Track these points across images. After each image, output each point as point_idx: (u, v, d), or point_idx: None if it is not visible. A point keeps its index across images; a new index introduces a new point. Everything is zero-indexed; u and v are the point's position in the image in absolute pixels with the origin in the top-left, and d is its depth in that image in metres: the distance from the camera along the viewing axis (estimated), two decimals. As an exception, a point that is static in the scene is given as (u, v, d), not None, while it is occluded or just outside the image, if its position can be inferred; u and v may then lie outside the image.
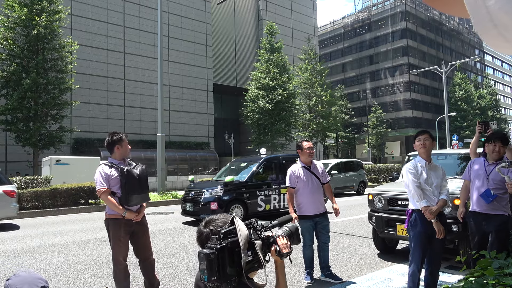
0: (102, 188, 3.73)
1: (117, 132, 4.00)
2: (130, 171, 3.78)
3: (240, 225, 1.40)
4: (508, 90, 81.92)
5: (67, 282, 4.87)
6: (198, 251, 1.35)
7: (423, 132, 3.80)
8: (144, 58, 32.46)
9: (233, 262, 1.34)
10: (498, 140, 3.86)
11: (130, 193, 3.74)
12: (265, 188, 9.87)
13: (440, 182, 3.75)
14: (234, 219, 1.44)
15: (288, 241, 1.48)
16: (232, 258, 1.34)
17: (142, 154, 24.73)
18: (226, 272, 1.32)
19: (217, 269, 1.30)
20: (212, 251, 1.30)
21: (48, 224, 9.86)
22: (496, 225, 3.79)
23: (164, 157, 14.10)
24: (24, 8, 17.06)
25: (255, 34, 43.52)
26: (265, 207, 9.77)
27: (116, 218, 3.78)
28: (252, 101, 27.42)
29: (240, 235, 1.37)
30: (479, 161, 4.05)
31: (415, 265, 3.70)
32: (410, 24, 55.93)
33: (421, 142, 3.70)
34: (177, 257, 6.09)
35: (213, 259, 1.29)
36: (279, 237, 1.46)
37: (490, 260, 2.08)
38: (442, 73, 26.37)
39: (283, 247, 1.45)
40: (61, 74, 18.26)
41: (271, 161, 10.65)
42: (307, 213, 4.77)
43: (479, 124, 4.49)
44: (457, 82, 51.59)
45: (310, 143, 4.99)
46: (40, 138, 17.92)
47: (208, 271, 1.29)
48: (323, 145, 33.82)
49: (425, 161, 3.74)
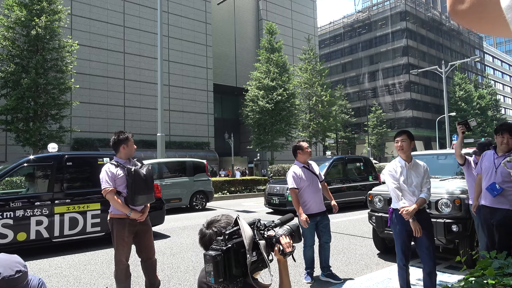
0: (108, 187, 3.72)
1: (124, 131, 3.99)
2: (137, 171, 3.77)
3: (244, 226, 1.40)
4: (508, 90, 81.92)
5: (67, 282, 4.87)
6: (204, 253, 1.34)
7: (401, 133, 3.86)
8: (144, 58, 32.47)
9: (238, 263, 1.34)
10: (506, 131, 3.86)
11: (136, 193, 3.73)
12: None
13: (420, 181, 3.74)
14: (238, 220, 1.44)
15: (291, 240, 1.49)
16: (237, 259, 1.34)
17: (142, 154, 24.73)
18: (232, 273, 1.32)
19: (224, 270, 1.29)
20: (218, 253, 1.30)
21: (48, 224, 9.84)
22: (499, 219, 3.77)
23: (164, 157, 14.08)
24: (23, 8, 17.05)
25: (255, 34, 43.53)
26: None
27: (121, 218, 3.77)
28: (252, 101, 27.42)
29: (245, 236, 1.37)
30: (489, 154, 4.05)
31: (399, 260, 3.86)
32: (410, 24, 55.93)
33: (399, 144, 3.78)
34: (177, 257, 6.09)
35: (219, 261, 1.29)
36: (282, 236, 1.47)
37: (490, 260, 2.08)
38: (442, 73, 26.37)
39: (286, 246, 1.47)
40: (61, 74, 18.24)
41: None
42: (311, 212, 4.79)
43: (459, 125, 4.48)
44: (457, 82, 51.59)
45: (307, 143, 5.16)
46: (40, 138, 17.90)
47: (215, 273, 1.29)
48: (323, 145, 33.79)
49: (404, 161, 3.79)
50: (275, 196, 11.38)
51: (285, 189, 10.88)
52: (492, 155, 3.98)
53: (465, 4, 0.52)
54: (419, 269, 5.16)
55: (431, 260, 3.68)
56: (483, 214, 3.98)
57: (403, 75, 55.05)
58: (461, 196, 4.95)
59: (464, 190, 5.03)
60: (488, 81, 63.22)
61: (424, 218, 3.72)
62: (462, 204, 4.92)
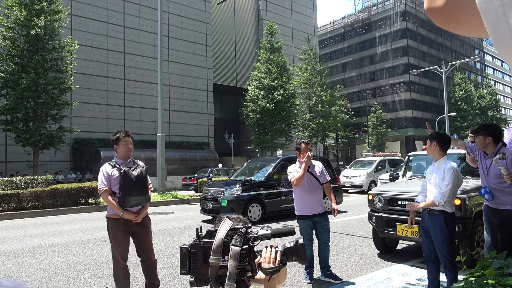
0: (102, 188, 3.76)
1: (120, 130, 3.98)
2: (127, 173, 3.76)
3: (222, 227, 1.33)
4: (508, 90, 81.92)
5: (67, 282, 4.87)
6: None
7: (428, 138, 4.04)
8: (144, 58, 32.47)
9: (205, 261, 1.30)
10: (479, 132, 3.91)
11: (127, 194, 3.73)
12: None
13: (439, 182, 3.76)
14: (223, 220, 1.35)
15: (278, 256, 1.29)
16: (205, 258, 1.30)
17: (142, 154, 24.72)
18: (197, 268, 1.31)
19: (188, 264, 1.31)
20: (186, 246, 1.32)
21: (48, 224, 9.86)
22: (500, 220, 3.76)
23: (164, 157, 14.10)
24: (23, 8, 17.05)
25: (255, 34, 43.52)
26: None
27: (115, 218, 3.79)
28: (252, 101, 27.44)
29: (216, 237, 1.30)
30: (479, 156, 4.03)
31: (425, 256, 4.08)
32: (410, 24, 55.94)
33: (425, 147, 4.09)
34: (177, 257, 6.07)
35: (184, 254, 1.31)
36: (267, 248, 1.30)
37: (490, 260, 2.08)
38: (442, 73, 26.37)
39: (265, 260, 1.27)
40: (61, 74, 18.24)
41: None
42: (304, 213, 4.80)
43: (471, 133, 4.44)
44: (457, 82, 51.60)
45: (308, 145, 4.99)
46: (40, 138, 17.91)
47: (180, 263, 1.32)
48: (323, 145, 33.81)
49: (434, 162, 3.95)
50: (209, 201, 9.84)
51: (219, 193, 9.61)
52: (481, 157, 3.96)
53: (441, 0, 0.51)
54: (419, 269, 5.17)
55: (442, 260, 3.85)
56: (486, 214, 3.98)
57: (403, 75, 55.05)
58: (461, 196, 4.94)
59: (464, 190, 5.03)
60: (488, 81, 63.22)
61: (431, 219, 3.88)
62: (462, 204, 4.92)
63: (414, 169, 7.12)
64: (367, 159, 20.06)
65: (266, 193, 9.86)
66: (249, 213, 9.52)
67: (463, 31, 0.52)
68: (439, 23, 0.53)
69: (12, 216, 11.05)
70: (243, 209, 9.34)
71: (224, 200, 9.44)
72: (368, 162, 19.18)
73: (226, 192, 9.58)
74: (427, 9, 0.53)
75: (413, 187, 5.86)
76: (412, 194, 5.49)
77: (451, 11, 0.50)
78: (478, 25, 0.46)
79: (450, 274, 3.80)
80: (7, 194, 11.37)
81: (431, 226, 3.84)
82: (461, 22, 0.50)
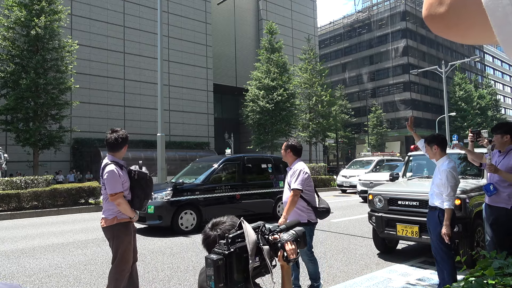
0: (119, 191, 3.50)
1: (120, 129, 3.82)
2: (151, 177, 3.66)
3: (248, 230, 1.36)
4: (508, 90, 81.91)
5: (67, 282, 4.87)
6: (206, 257, 1.30)
7: (425, 140, 4.13)
8: (144, 58, 32.47)
9: (240, 268, 1.30)
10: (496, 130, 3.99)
11: (146, 198, 3.65)
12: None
13: (438, 182, 3.82)
14: (242, 223, 1.40)
15: (295, 246, 1.46)
16: (239, 264, 1.30)
17: (142, 154, 24.71)
18: (233, 278, 1.28)
19: (225, 275, 1.26)
20: (220, 257, 1.26)
21: (48, 224, 9.86)
22: (494, 218, 3.84)
23: (164, 157, 14.06)
24: (23, 8, 17.04)
25: (255, 34, 43.52)
26: None
27: (127, 222, 3.62)
28: (253, 101, 27.43)
29: (248, 240, 1.33)
30: (494, 153, 4.10)
31: (433, 254, 4.08)
32: (410, 24, 55.94)
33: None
34: (177, 257, 6.09)
35: (220, 266, 1.25)
36: (287, 242, 1.44)
37: (490, 260, 2.08)
38: (442, 73, 26.35)
39: (290, 253, 1.43)
40: (61, 74, 18.23)
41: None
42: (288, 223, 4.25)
43: (471, 133, 4.48)
44: (457, 82, 51.59)
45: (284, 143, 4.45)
46: (40, 138, 17.90)
47: (216, 277, 1.25)
48: (323, 145, 33.80)
49: (436, 162, 4.01)
50: None
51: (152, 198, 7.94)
52: (495, 155, 4.04)
53: (444, 6, 0.48)
54: (419, 269, 5.17)
55: (436, 257, 3.84)
56: (485, 213, 4.02)
57: (403, 75, 55.05)
58: (461, 196, 4.94)
59: (464, 190, 5.03)
60: (488, 81, 63.20)
61: None
62: (462, 204, 4.92)
63: (414, 169, 7.12)
64: (365, 159, 20.04)
65: (204, 198, 8.55)
66: (180, 220, 8.16)
67: (464, 39, 0.50)
68: (439, 31, 0.50)
69: (12, 216, 11.05)
70: (173, 216, 8.05)
71: (150, 206, 8.00)
72: (367, 162, 19.20)
73: (154, 196, 8.09)
74: (426, 16, 0.51)
75: (413, 187, 5.86)
76: (412, 194, 5.49)
77: (454, 17, 0.47)
78: (482, 30, 0.44)
79: (442, 271, 3.77)
80: (7, 194, 11.37)
81: (428, 221, 3.96)
82: (463, 29, 0.48)
